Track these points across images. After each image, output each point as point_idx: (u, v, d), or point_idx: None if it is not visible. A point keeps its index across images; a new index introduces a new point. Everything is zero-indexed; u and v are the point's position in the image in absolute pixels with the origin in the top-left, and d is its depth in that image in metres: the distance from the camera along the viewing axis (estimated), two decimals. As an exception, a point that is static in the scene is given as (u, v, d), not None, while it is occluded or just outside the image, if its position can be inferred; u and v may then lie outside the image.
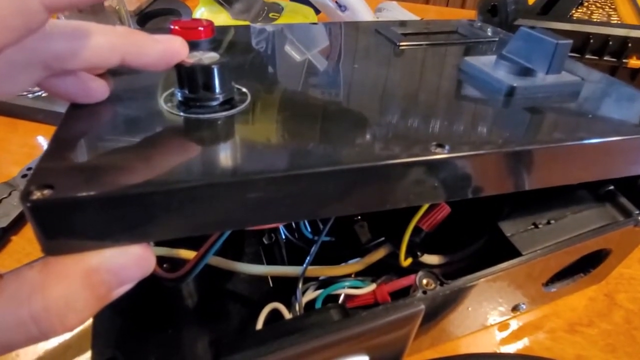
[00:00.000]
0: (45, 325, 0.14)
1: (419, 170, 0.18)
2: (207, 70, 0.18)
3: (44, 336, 0.14)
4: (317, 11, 0.60)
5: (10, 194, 0.35)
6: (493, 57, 0.26)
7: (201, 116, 0.18)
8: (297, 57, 0.29)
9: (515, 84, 0.24)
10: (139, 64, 0.18)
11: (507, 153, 0.19)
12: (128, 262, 0.15)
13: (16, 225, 0.33)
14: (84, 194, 0.13)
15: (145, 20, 0.59)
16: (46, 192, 0.13)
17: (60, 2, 0.14)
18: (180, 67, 0.18)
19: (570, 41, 0.23)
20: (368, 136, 0.19)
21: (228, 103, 0.19)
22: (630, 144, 0.22)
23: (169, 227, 0.15)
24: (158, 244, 0.23)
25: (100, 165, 0.15)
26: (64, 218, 0.14)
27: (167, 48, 0.18)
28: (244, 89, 0.21)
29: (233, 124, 0.19)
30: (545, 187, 0.22)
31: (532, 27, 0.25)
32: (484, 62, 0.26)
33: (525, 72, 0.25)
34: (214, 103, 0.19)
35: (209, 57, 0.18)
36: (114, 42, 0.17)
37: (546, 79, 0.24)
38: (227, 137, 0.18)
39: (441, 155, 0.18)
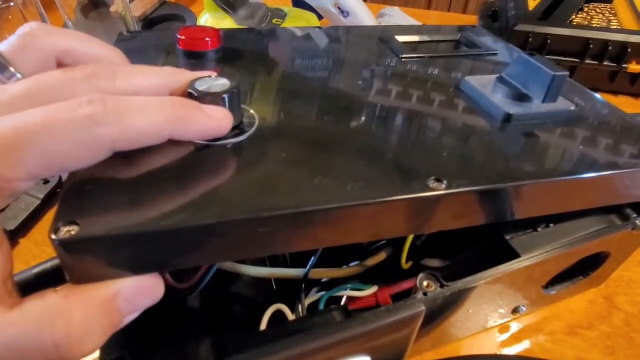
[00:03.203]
0: (65, 350, 0.14)
1: (419, 205, 0.19)
2: (218, 99, 0.19)
3: None
4: (320, 17, 0.60)
5: (18, 198, 0.35)
6: (492, 78, 0.27)
7: (212, 143, 0.19)
8: (299, 70, 0.29)
9: (512, 112, 0.24)
10: (182, 139, 0.18)
11: (506, 188, 0.20)
12: (142, 291, 0.16)
13: (24, 228, 0.34)
14: (107, 232, 0.14)
15: (150, 25, 0.60)
16: (72, 229, 0.14)
17: (129, 146, 0.16)
18: (191, 96, 0.19)
19: (567, 73, 0.24)
20: (371, 170, 0.19)
21: (237, 128, 0.20)
22: (627, 177, 0.23)
23: (183, 259, 0.16)
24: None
25: (119, 200, 0.16)
26: (89, 252, 0.15)
27: (210, 127, 0.18)
28: (252, 111, 0.22)
29: (242, 154, 0.19)
30: (539, 215, 0.23)
31: (532, 54, 0.25)
32: (483, 83, 0.27)
33: (522, 97, 0.25)
34: None
35: (219, 84, 0.19)
36: (163, 126, 0.17)
37: (542, 106, 0.25)
38: (237, 168, 0.18)
39: (439, 191, 0.18)
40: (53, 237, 0.14)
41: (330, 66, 0.30)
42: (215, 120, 0.18)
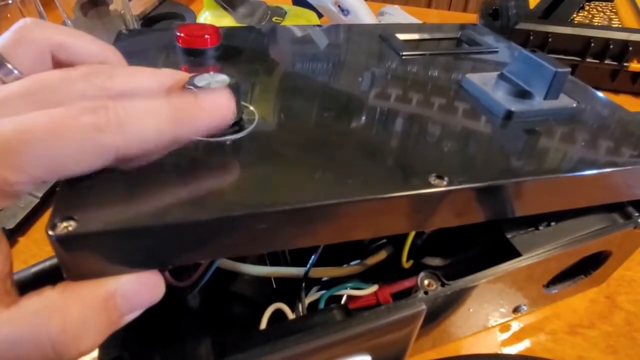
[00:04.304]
0: (61, 347, 0.14)
1: (420, 202, 0.18)
2: None
3: (58, 358, 0.14)
4: (320, 15, 0.60)
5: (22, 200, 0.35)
6: (493, 75, 0.27)
7: (211, 139, 0.19)
8: (299, 68, 0.29)
9: (513, 109, 0.24)
10: (186, 139, 0.17)
11: (507, 184, 0.20)
12: (141, 289, 0.16)
13: (23, 226, 0.34)
14: (105, 228, 0.14)
15: (149, 24, 0.60)
16: (69, 224, 0.14)
17: (131, 153, 0.15)
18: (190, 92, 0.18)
19: (569, 69, 0.24)
20: (372, 166, 0.19)
21: (237, 124, 0.20)
22: (628, 174, 0.23)
23: (182, 255, 0.16)
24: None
25: (117, 195, 0.16)
26: (86, 248, 0.14)
27: (212, 122, 0.17)
28: (251, 107, 0.22)
29: (241, 150, 0.19)
30: (541, 212, 0.23)
31: (533, 51, 0.25)
32: (484, 80, 0.27)
33: (523, 94, 0.25)
34: None
35: (218, 80, 0.19)
36: (165, 131, 0.16)
37: (543, 103, 0.25)
38: (236, 164, 0.18)
39: (441, 187, 0.18)
40: (50, 232, 0.14)
41: (330, 64, 0.30)
42: (217, 112, 0.17)
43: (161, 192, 0.16)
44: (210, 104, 0.17)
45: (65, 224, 0.14)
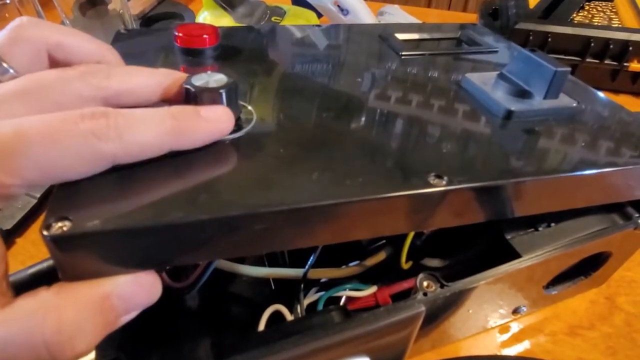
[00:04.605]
0: (55, 348, 0.14)
1: (419, 201, 0.18)
2: (214, 95, 0.18)
3: None
4: (319, 15, 0.60)
5: (18, 201, 0.35)
6: (493, 75, 0.27)
7: None
8: (298, 67, 0.29)
9: (513, 108, 0.24)
10: (184, 149, 0.18)
11: (507, 184, 0.20)
12: (138, 290, 0.16)
13: (20, 227, 0.34)
14: (100, 228, 0.14)
15: (148, 23, 0.60)
16: (64, 225, 0.14)
17: (129, 160, 0.16)
18: (188, 91, 0.18)
19: (569, 69, 0.24)
20: (371, 166, 0.19)
21: (235, 124, 0.20)
22: (628, 174, 0.23)
23: (179, 256, 0.16)
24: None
25: (112, 195, 0.15)
26: (82, 248, 0.14)
27: (211, 133, 0.18)
28: (249, 107, 0.22)
29: (239, 149, 0.19)
30: (541, 212, 0.23)
31: (533, 51, 0.25)
32: (483, 80, 0.27)
33: (523, 94, 0.25)
34: None
35: (216, 80, 0.19)
36: (164, 140, 0.16)
37: (543, 102, 0.25)
38: (234, 164, 0.18)
39: (440, 187, 0.18)
40: (44, 233, 0.14)
41: (329, 64, 0.30)
42: (216, 125, 0.18)
43: (157, 191, 0.16)
44: (210, 117, 0.18)
45: (59, 224, 0.14)
